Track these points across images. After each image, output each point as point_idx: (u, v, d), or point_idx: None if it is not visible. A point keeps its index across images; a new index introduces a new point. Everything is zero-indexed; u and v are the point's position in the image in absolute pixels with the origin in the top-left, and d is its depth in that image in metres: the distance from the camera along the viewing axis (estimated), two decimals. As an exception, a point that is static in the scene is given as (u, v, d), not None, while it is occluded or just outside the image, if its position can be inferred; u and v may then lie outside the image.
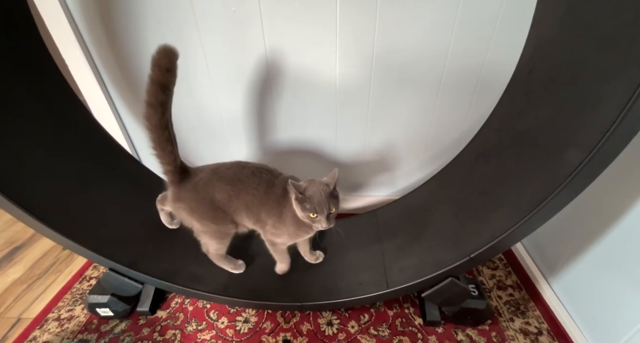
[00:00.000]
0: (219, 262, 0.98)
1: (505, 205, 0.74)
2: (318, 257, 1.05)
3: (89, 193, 0.95)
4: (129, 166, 1.15)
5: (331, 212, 0.76)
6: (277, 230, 0.86)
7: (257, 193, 0.82)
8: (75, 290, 1.14)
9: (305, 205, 0.75)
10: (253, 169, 0.84)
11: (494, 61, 0.97)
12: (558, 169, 0.60)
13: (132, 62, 1.08)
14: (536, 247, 1.07)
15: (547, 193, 0.60)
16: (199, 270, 0.99)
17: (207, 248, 0.95)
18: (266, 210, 0.84)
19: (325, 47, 0.99)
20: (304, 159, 1.26)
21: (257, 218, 0.86)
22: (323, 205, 0.74)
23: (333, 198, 0.76)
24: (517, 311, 0.97)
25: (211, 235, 0.89)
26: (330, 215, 0.77)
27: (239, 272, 1.00)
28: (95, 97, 1.15)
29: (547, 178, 0.63)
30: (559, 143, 0.65)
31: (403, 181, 1.31)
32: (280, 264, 0.98)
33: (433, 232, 0.93)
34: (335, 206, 0.77)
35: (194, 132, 1.24)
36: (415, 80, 1.03)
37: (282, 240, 0.89)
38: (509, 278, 1.07)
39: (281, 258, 0.96)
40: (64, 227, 0.80)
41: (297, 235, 0.87)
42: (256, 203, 0.83)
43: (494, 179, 0.84)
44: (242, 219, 0.87)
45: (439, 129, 1.14)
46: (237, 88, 1.10)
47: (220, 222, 0.86)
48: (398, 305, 1.00)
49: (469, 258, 0.74)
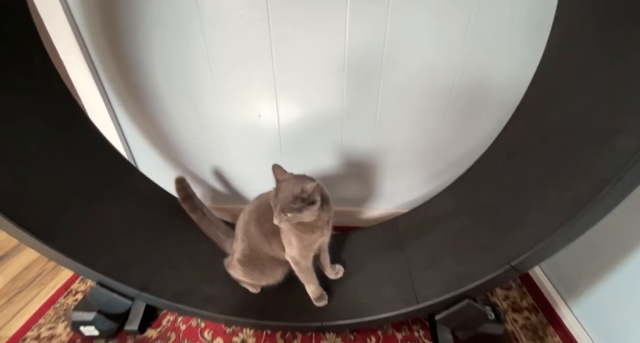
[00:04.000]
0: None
1: (545, 205, 0.67)
2: (338, 271, 0.99)
3: (95, 211, 0.90)
4: (137, 182, 1.12)
5: (285, 214, 0.70)
6: (286, 239, 0.83)
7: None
8: (60, 305, 1.04)
9: (274, 193, 0.73)
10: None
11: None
12: (610, 158, 0.53)
13: (132, 64, 1.04)
14: (553, 266, 0.99)
15: (600, 186, 0.52)
16: (212, 290, 0.93)
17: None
18: (272, 230, 0.82)
19: (334, 57, 0.96)
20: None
21: (272, 243, 0.85)
22: (281, 202, 0.69)
23: (296, 204, 0.69)
24: (535, 336, 0.89)
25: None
26: (284, 217, 0.71)
27: (256, 291, 0.94)
28: (90, 96, 1.09)
29: (598, 170, 0.55)
30: (604, 131, 0.57)
31: (415, 192, 1.25)
32: (309, 286, 0.90)
33: (464, 239, 0.86)
34: (291, 212, 0.69)
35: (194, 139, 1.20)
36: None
37: (298, 251, 0.83)
38: (524, 300, 1.00)
39: (308, 279, 0.89)
40: (67, 247, 0.76)
41: (304, 238, 0.81)
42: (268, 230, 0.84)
43: (528, 179, 0.77)
44: (274, 250, 0.87)
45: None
46: (242, 95, 1.07)
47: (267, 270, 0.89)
48: (407, 327, 0.93)
49: (510, 266, 0.65)
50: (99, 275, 0.82)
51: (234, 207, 1.33)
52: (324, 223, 0.81)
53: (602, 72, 0.64)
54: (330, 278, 0.98)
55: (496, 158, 0.94)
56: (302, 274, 0.88)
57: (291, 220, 0.71)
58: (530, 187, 0.75)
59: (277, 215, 0.71)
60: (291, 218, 0.71)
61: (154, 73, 1.04)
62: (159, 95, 1.09)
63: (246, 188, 1.31)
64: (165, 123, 1.15)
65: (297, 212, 0.69)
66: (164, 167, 1.27)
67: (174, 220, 1.06)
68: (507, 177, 0.85)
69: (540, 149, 0.77)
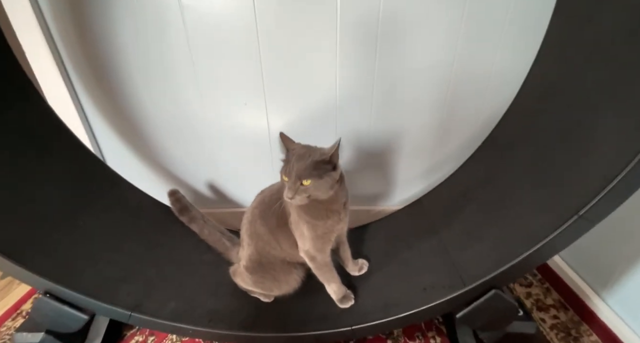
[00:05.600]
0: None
1: (610, 139, 0.55)
2: (362, 266, 0.86)
3: (75, 224, 0.80)
4: (123, 193, 1.00)
5: (302, 183, 0.60)
6: (298, 231, 0.72)
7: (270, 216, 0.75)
8: (6, 329, 0.89)
9: (284, 164, 0.64)
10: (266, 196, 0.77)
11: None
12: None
13: (98, 50, 0.94)
14: (580, 258, 0.90)
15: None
16: (217, 304, 0.80)
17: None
18: (279, 223, 0.74)
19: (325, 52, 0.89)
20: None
21: (280, 240, 0.76)
22: (296, 169, 0.60)
23: (315, 170, 0.60)
24: (568, 337, 0.79)
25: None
26: (300, 187, 0.60)
27: (268, 300, 0.82)
28: (52, 84, 0.97)
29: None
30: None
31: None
32: (330, 285, 0.77)
33: (508, 204, 0.72)
34: (310, 178, 0.60)
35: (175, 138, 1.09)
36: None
37: (312, 243, 0.70)
38: (549, 297, 0.90)
39: (327, 277, 0.76)
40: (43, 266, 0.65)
41: (317, 226, 0.69)
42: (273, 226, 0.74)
43: (576, 115, 0.64)
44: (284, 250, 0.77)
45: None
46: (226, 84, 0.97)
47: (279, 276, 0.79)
48: (421, 334, 0.82)
49: (578, 216, 0.51)
50: (45, 281, 0.67)
51: (221, 210, 1.19)
52: (340, 207, 0.70)
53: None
54: (354, 275, 0.85)
55: (530, 101, 0.82)
56: (320, 271, 0.75)
57: (308, 190, 0.61)
58: (583, 122, 0.62)
59: (291, 186, 0.60)
60: (308, 188, 0.60)
61: (127, 64, 0.95)
62: (134, 90, 0.99)
63: (235, 191, 1.18)
64: (139, 120, 1.04)
65: (316, 178, 0.60)
66: (140, 169, 1.13)
67: (168, 231, 0.95)
68: (548, 120, 0.72)
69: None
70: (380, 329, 0.75)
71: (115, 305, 0.71)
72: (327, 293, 0.78)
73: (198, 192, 1.18)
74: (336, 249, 0.81)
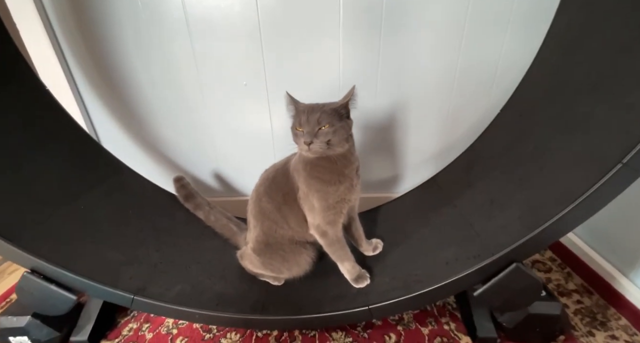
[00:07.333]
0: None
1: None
2: (376, 245, 0.81)
3: (74, 205, 0.76)
4: (126, 179, 0.96)
5: (320, 127, 0.58)
6: (307, 204, 0.68)
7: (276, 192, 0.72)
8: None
9: (295, 117, 0.63)
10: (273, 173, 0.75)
11: None
12: None
13: (96, 33, 0.92)
14: (602, 239, 0.84)
15: None
16: (226, 288, 0.76)
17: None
18: (286, 198, 0.71)
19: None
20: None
21: (288, 217, 0.72)
22: (309, 115, 0.59)
23: (332, 116, 0.59)
24: (594, 322, 0.73)
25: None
26: (319, 132, 0.58)
27: (279, 283, 0.78)
28: (49, 66, 0.94)
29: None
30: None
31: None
32: (343, 264, 0.72)
33: (536, 166, 0.66)
34: (330, 122, 0.59)
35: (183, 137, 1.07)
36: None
37: (322, 215, 0.66)
38: (571, 282, 0.84)
39: (340, 255, 0.71)
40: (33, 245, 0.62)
41: (328, 193, 0.65)
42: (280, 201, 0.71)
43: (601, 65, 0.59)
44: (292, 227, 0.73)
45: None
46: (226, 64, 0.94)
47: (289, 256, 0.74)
48: (433, 319, 0.76)
49: (622, 164, 0.46)
50: (30, 257, 0.61)
51: (224, 199, 1.15)
52: (353, 172, 0.66)
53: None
54: (368, 256, 0.80)
55: (549, 58, 0.76)
56: (333, 248, 0.70)
57: (328, 135, 0.59)
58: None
59: (309, 131, 0.58)
60: (328, 133, 0.59)
61: (130, 60, 0.94)
62: (136, 82, 0.97)
63: (238, 180, 1.14)
64: (138, 105, 1.01)
65: (336, 122, 0.59)
66: (142, 158, 1.11)
67: (172, 218, 0.92)
68: (573, 72, 0.66)
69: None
70: (401, 308, 0.70)
71: (116, 289, 0.66)
72: (341, 274, 0.73)
73: (200, 181, 1.14)
74: (348, 227, 0.77)
